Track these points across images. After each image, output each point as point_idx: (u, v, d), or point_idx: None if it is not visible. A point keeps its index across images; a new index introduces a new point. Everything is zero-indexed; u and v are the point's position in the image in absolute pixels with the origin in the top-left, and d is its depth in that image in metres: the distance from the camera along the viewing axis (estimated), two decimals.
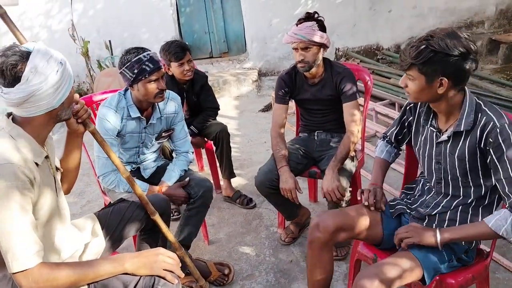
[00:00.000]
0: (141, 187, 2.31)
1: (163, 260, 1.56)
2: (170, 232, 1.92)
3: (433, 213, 1.79)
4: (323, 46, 2.44)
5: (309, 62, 2.44)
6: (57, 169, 1.69)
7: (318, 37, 2.39)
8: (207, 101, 3.19)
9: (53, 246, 1.59)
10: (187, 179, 2.43)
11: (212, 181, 2.89)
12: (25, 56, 1.39)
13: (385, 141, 2.08)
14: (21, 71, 1.38)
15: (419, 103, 1.85)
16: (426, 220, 1.79)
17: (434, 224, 1.77)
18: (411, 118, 1.91)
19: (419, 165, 1.96)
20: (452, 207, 1.75)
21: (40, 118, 1.47)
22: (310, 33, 2.37)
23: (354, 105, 2.48)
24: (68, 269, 1.43)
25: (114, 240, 1.91)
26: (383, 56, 6.50)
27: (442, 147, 1.72)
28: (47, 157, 1.57)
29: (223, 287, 2.41)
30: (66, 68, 1.47)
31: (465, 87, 1.65)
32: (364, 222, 1.84)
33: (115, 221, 1.90)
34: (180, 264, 1.61)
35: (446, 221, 1.75)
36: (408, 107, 1.92)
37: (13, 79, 1.38)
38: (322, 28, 2.44)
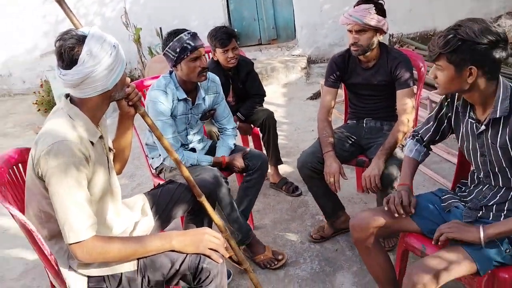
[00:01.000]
0: (207, 160, 2.47)
1: (209, 239, 1.63)
2: (215, 214, 1.98)
3: (489, 204, 1.74)
4: (379, 30, 2.40)
5: (362, 46, 2.40)
6: (110, 149, 1.79)
7: (374, 20, 2.35)
8: (254, 87, 3.22)
9: (105, 223, 1.69)
10: (248, 149, 2.61)
11: None
12: (81, 39, 1.48)
13: (414, 139, 2.03)
14: (77, 53, 1.47)
15: (455, 97, 1.82)
16: (483, 211, 1.75)
17: (491, 214, 1.73)
18: (450, 113, 1.87)
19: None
20: (509, 197, 1.70)
21: (95, 99, 1.57)
22: (365, 15, 2.33)
23: (408, 93, 2.43)
24: (119, 243, 1.52)
25: (163, 220, 2.00)
26: None
27: (483, 138, 1.70)
28: (101, 137, 1.66)
29: (268, 269, 2.46)
30: (119, 51, 1.55)
31: (499, 75, 1.63)
32: (397, 218, 1.84)
33: (164, 202, 1.99)
34: (225, 244, 1.67)
35: (505, 211, 1.71)
36: (445, 102, 1.88)
37: (70, 61, 1.47)
38: (381, 12, 2.39)
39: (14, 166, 1.77)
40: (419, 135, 2.02)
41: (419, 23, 6.32)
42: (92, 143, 1.59)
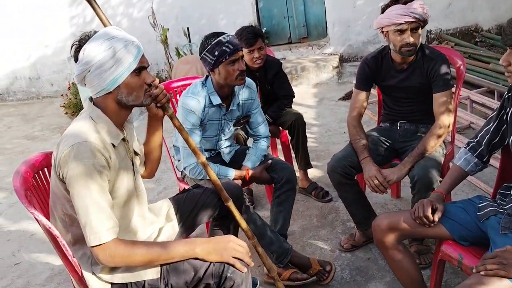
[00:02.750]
0: (228, 173, 2.45)
1: (233, 247, 1.63)
2: (243, 219, 1.99)
3: None
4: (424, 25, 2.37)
5: (416, 45, 2.35)
6: (135, 153, 1.83)
7: (428, 15, 2.32)
8: (282, 89, 3.22)
9: (129, 227, 1.73)
10: (269, 161, 2.55)
11: None
12: (87, 40, 1.57)
13: (467, 148, 1.97)
14: (78, 52, 1.58)
15: None
16: None
17: None
18: (508, 108, 1.80)
19: None
20: None
21: (108, 102, 1.62)
22: (422, 11, 2.29)
23: (447, 95, 2.36)
24: (142, 248, 1.56)
25: (187, 226, 2.02)
26: (482, 39, 6.10)
27: None
28: (124, 140, 1.70)
29: (321, 283, 2.40)
30: (121, 53, 1.55)
31: None
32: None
33: (189, 207, 2.01)
34: (250, 253, 1.68)
35: None
36: (507, 96, 1.81)
37: (75, 60, 1.60)
38: None
39: (39, 171, 1.83)
40: (475, 141, 1.95)
41: (459, 18, 6.18)
42: (113, 145, 1.63)
